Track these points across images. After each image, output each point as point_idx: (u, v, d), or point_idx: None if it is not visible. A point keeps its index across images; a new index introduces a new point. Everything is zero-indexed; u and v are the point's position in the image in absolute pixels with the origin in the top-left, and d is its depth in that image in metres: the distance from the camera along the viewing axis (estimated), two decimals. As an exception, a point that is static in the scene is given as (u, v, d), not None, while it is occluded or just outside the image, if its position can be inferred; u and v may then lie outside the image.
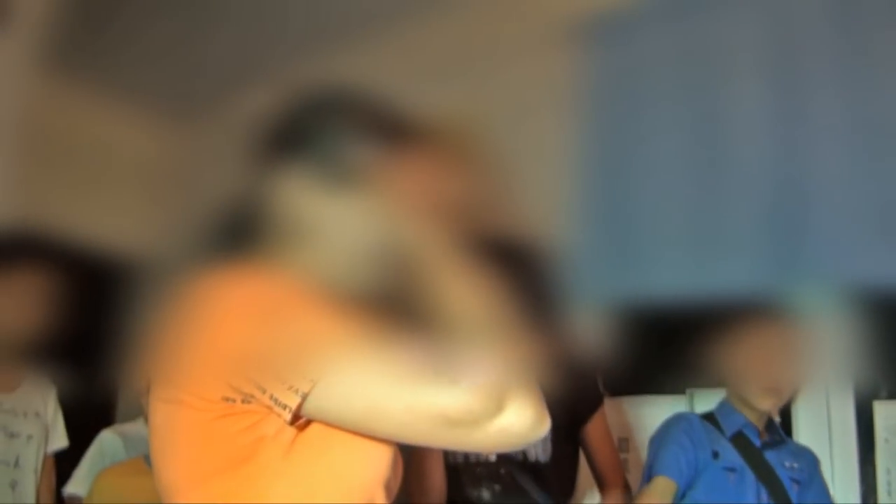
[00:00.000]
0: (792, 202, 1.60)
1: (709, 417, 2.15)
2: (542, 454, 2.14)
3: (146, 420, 2.40)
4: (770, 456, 2.18)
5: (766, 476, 2.15)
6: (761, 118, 1.60)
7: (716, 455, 2.14)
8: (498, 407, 0.91)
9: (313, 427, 0.95)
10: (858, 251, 1.57)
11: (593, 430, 2.24)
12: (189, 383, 0.95)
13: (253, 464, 0.95)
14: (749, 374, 2.05)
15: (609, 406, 2.28)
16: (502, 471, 2.11)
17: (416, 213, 1.02)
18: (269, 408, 0.93)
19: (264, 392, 0.93)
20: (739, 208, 1.64)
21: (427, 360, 0.93)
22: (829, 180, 1.57)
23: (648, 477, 2.14)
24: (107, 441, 2.40)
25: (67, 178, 1.36)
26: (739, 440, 2.19)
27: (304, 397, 0.92)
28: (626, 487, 2.27)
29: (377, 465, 1.00)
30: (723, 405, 2.14)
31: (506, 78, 1.56)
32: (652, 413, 2.17)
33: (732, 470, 2.14)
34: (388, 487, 1.02)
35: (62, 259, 1.78)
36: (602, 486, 2.27)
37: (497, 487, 2.11)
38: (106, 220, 1.35)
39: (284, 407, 0.93)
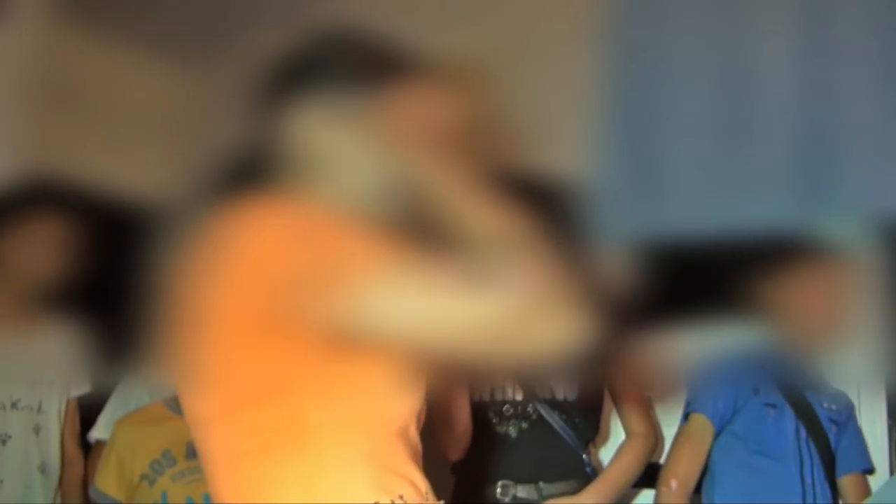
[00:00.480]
0: (821, 136, 1.56)
1: (749, 353, 2.14)
2: (569, 392, 2.13)
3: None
4: (810, 396, 2.18)
5: (806, 414, 2.15)
6: (790, 52, 1.55)
7: (756, 391, 2.13)
8: (541, 309, 0.90)
9: (351, 359, 0.94)
10: (891, 184, 1.54)
11: (620, 377, 2.22)
12: (226, 310, 0.94)
13: (288, 393, 0.94)
14: (791, 312, 2.03)
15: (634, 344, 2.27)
16: (529, 408, 2.10)
17: (425, 143, 1.02)
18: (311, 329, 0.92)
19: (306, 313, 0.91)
20: (767, 142, 1.60)
21: (462, 274, 0.92)
22: (859, 113, 1.53)
23: (686, 413, 2.14)
24: (129, 386, 2.41)
25: (81, 126, 1.33)
26: (780, 377, 2.18)
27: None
28: (649, 437, 2.25)
29: (412, 396, 1.00)
30: (763, 342, 2.12)
31: (526, 9, 1.52)
32: (677, 351, 2.14)
33: (773, 406, 2.14)
34: (418, 418, 1.03)
35: (78, 206, 1.77)
36: (627, 433, 2.26)
37: (524, 425, 2.10)
38: (122, 166, 1.32)
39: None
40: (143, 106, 1.32)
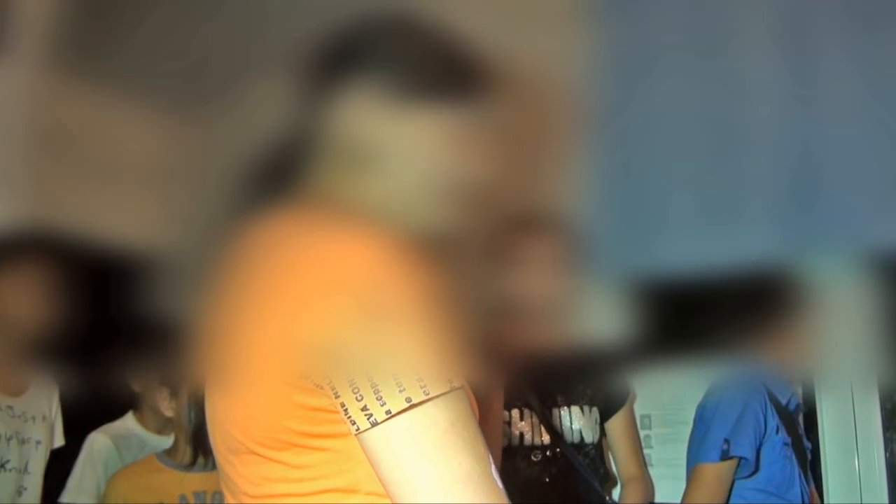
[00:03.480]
0: (808, 170, 1.58)
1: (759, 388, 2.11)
2: (594, 436, 2.12)
3: (134, 414, 2.41)
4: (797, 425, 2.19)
5: (800, 448, 2.15)
6: (775, 86, 1.58)
7: (777, 430, 2.09)
8: None
9: None
10: (876, 218, 1.56)
11: (618, 423, 2.23)
12: (259, 358, 0.84)
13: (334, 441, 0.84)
14: (779, 347, 2.02)
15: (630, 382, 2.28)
16: (557, 451, 2.09)
17: (492, 148, 0.92)
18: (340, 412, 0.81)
19: (336, 396, 0.80)
20: (753, 177, 1.62)
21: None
22: (846, 147, 1.56)
23: (720, 449, 2.05)
24: (96, 445, 2.39)
25: (75, 174, 1.33)
26: (787, 413, 2.16)
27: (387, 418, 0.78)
28: (647, 480, 2.26)
29: None
30: (771, 375, 2.11)
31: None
32: (673, 389, 2.15)
33: (788, 445, 2.11)
34: None
35: (70, 256, 1.76)
36: (623, 477, 2.26)
37: (553, 469, 2.08)
38: (115, 215, 1.32)
39: (353, 423, 0.80)
40: (138, 156, 1.32)
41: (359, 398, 0.79)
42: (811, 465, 2.21)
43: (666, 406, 2.31)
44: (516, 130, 0.99)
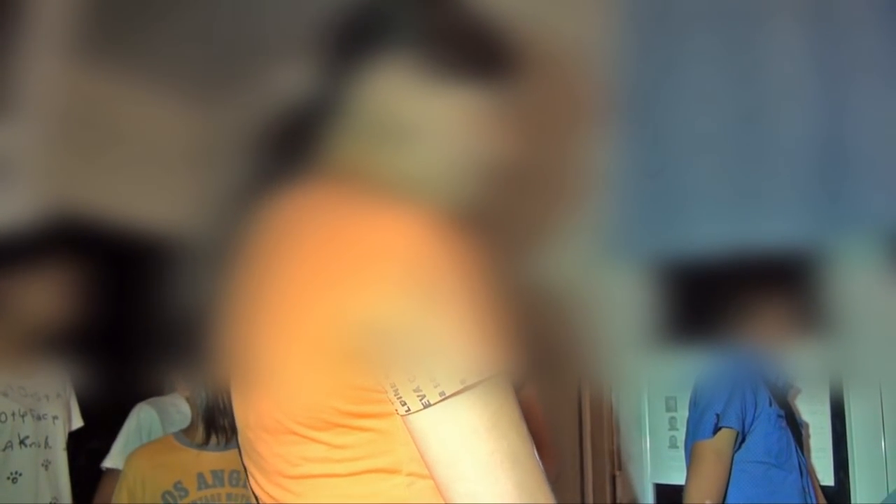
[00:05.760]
0: (835, 152, 1.57)
1: (756, 363, 2.16)
2: None
3: (182, 393, 2.42)
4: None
5: (793, 422, 2.19)
6: (802, 67, 1.56)
7: (770, 402, 2.16)
8: None
9: None
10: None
11: (525, 399, 2.26)
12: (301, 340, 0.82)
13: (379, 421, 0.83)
14: (786, 328, 2.05)
15: (655, 364, 2.29)
16: None
17: (523, 126, 0.90)
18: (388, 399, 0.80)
19: (387, 376, 0.79)
20: (780, 158, 1.61)
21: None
22: (873, 129, 1.54)
23: (713, 424, 2.11)
24: (142, 413, 2.44)
25: (102, 162, 1.32)
26: (777, 388, 2.22)
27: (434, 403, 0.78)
28: (556, 456, 2.29)
29: None
30: (770, 354, 2.15)
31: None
32: (697, 370, 2.16)
33: (782, 416, 2.17)
34: None
35: (96, 245, 1.76)
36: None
37: None
38: (142, 201, 1.31)
39: (404, 404, 0.79)
40: (166, 140, 1.31)
41: (411, 378, 0.78)
42: (836, 450, 2.24)
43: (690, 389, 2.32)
44: (546, 109, 0.97)
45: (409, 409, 0.79)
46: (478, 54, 0.89)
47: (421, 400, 0.78)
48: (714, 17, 1.60)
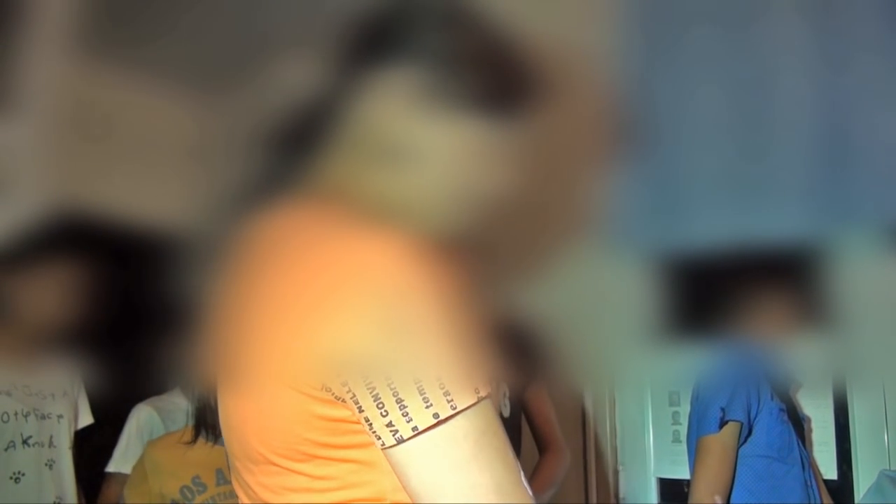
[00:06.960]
0: (838, 145, 1.57)
1: (764, 358, 2.16)
2: (504, 409, 2.15)
3: (182, 390, 2.42)
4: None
5: (794, 416, 2.19)
6: (805, 60, 1.56)
7: (772, 395, 2.16)
8: None
9: None
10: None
11: (533, 396, 2.29)
12: (283, 366, 0.80)
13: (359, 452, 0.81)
14: (789, 323, 2.05)
15: (658, 359, 2.29)
16: None
17: (528, 162, 0.86)
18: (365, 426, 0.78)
19: (360, 410, 0.76)
20: (783, 152, 1.61)
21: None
22: (876, 122, 1.54)
23: (718, 418, 2.11)
24: (142, 415, 2.43)
25: (105, 158, 1.32)
26: (779, 382, 2.22)
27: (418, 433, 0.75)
28: (565, 450, 2.32)
29: None
30: (773, 348, 2.15)
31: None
32: (699, 365, 2.16)
33: (784, 410, 2.17)
34: None
35: (99, 242, 1.76)
36: (542, 448, 2.33)
37: None
38: (147, 198, 1.31)
39: (378, 438, 0.77)
40: (169, 138, 1.31)
41: (383, 413, 0.75)
42: (839, 444, 2.24)
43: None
44: (560, 139, 0.94)
45: (384, 444, 0.77)
46: (491, 87, 0.85)
47: (394, 435, 0.75)
48: (715, 11, 1.60)
